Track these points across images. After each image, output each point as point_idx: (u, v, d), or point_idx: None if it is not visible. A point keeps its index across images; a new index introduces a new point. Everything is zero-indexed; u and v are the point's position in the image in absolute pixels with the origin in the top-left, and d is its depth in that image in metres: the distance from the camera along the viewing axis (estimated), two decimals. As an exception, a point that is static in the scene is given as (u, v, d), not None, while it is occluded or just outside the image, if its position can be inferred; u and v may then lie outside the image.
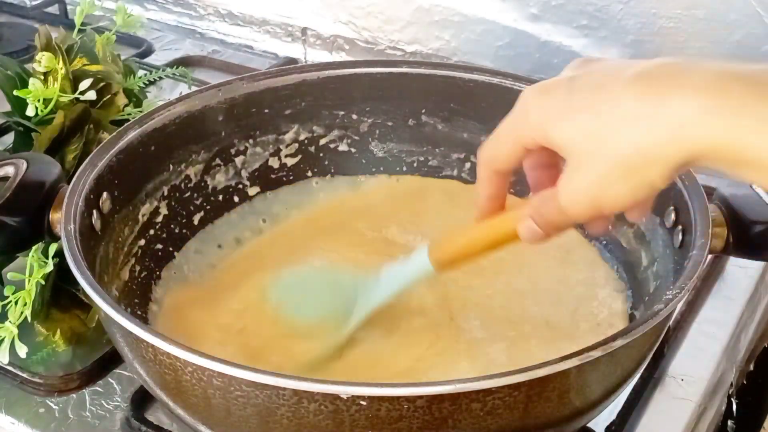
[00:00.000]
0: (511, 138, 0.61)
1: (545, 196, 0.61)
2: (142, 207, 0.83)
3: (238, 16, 1.35)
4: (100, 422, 0.75)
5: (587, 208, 0.58)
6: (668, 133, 0.53)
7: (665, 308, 0.63)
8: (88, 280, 0.64)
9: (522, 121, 0.60)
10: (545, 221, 0.62)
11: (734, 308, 0.88)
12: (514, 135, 0.61)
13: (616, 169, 0.55)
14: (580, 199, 0.58)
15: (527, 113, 0.60)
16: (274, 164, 0.94)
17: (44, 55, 0.92)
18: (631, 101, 0.54)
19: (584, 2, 1.09)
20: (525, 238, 0.64)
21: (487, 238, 0.67)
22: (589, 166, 0.56)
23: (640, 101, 0.54)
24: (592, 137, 0.56)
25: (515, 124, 0.61)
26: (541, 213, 0.62)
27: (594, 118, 0.55)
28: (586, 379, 0.62)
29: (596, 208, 0.57)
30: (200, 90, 0.88)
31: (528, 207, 0.63)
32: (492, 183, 0.65)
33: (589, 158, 0.56)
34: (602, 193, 0.56)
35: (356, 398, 0.56)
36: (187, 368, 0.59)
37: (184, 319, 0.79)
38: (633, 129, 0.54)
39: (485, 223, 0.67)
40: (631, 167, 0.55)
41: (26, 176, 0.74)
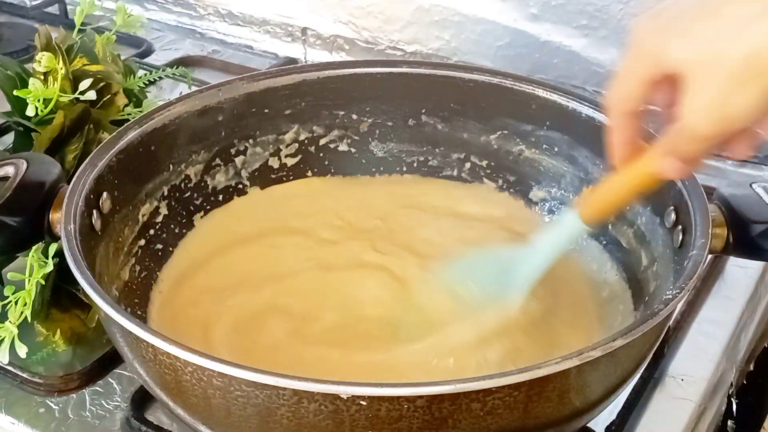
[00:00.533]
0: (633, 73, 0.61)
1: (674, 128, 0.60)
2: (142, 207, 0.83)
3: (238, 16, 1.35)
4: (100, 422, 0.75)
5: (716, 124, 0.56)
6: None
7: (665, 308, 0.63)
8: (88, 280, 0.64)
9: (639, 52, 0.60)
10: (681, 152, 0.61)
11: (734, 308, 0.88)
12: (636, 69, 0.60)
13: (738, 74, 0.54)
14: (707, 116, 0.56)
15: (642, 43, 0.59)
16: (274, 164, 0.94)
17: (44, 55, 0.92)
18: (741, 3, 0.53)
19: (584, 2, 1.09)
20: (669, 174, 0.63)
21: (630, 185, 0.68)
22: (709, 78, 0.55)
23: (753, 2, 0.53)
24: (709, 47, 0.55)
25: (633, 57, 0.60)
26: (674, 145, 0.61)
27: (708, 27, 0.54)
28: (586, 379, 0.62)
29: (725, 122, 0.56)
30: (200, 90, 0.88)
31: (661, 144, 0.62)
32: (625, 127, 0.64)
33: (708, 70, 0.55)
34: (728, 103, 0.55)
35: (356, 398, 0.56)
36: (187, 368, 0.59)
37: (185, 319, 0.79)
38: (750, 29, 0.53)
39: (626, 172, 0.67)
40: (754, 69, 0.53)
41: (26, 176, 0.74)
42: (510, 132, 0.92)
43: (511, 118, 0.91)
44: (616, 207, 0.71)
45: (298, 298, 0.81)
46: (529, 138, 0.91)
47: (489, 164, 0.94)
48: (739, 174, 1.05)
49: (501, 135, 0.93)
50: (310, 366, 0.73)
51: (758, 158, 1.07)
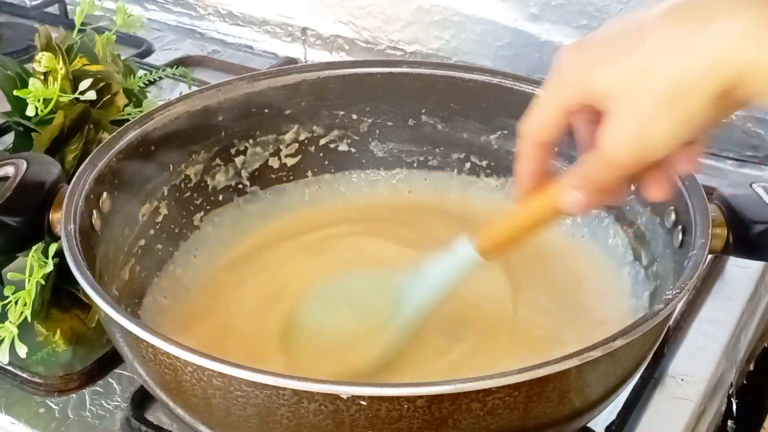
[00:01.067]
0: (551, 102, 0.59)
1: (586, 157, 0.59)
2: (142, 207, 0.83)
3: (238, 16, 1.35)
4: (100, 422, 0.75)
5: (632, 153, 0.55)
6: (709, 57, 0.51)
7: (665, 308, 0.63)
8: (88, 280, 0.64)
9: (559, 81, 0.58)
10: (591, 183, 0.59)
11: (734, 308, 0.88)
12: (555, 98, 0.59)
13: (658, 103, 0.53)
14: (624, 143, 0.55)
15: (563, 72, 0.58)
16: (274, 164, 0.94)
17: (44, 55, 0.92)
18: (668, 31, 0.52)
19: (584, 2, 1.09)
20: (570, 209, 0.62)
21: (530, 218, 0.65)
22: (629, 107, 0.54)
23: (677, 30, 0.52)
24: (630, 76, 0.54)
25: (554, 86, 0.59)
26: (585, 175, 0.59)
27: (631, 57, 0.54)
28: (586, 379, 0.62)
29: (642, 151, 0.55)
30: (200, 90, 0.88)
31: (569, 176, 0.61)
32: (535, 157, 0.62)
33: (628, 98, 0.54)
34: (645, 132, 0.54)
35: (356, 398, 0.56)
36: (187, 368, 0.59)
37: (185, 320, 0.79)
38: (672, 59, 0.52)
39: (527, 204, 0.65)
40: (673, 99, 0.52)
41: (26, 176, 0.74)
42: (510, 132, 0.92)
43: (511, 118, 0.91)
44: (514, 241, 0.68)
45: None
46: (529, 138, 0.91)
47: (489, 164, 0.94)
48: (739, 174, 1.05)
49: (501, 135, 0.93)
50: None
51: (758, 158, 1.07)
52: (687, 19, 0.52)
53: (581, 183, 0.60)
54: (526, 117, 0.62)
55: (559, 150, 0.64)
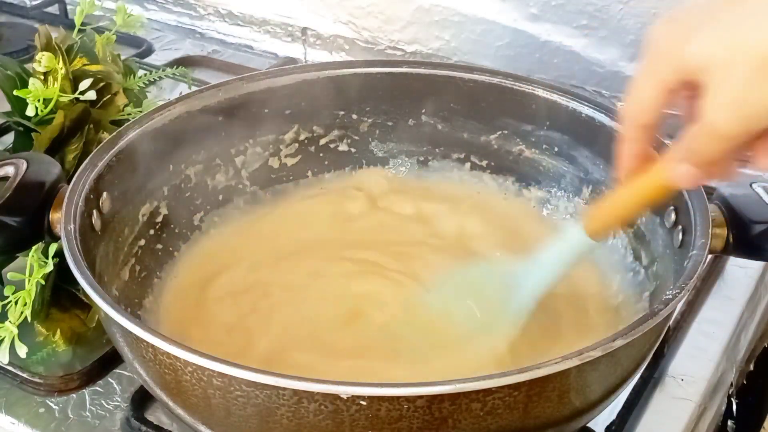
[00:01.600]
0: (649, 81, 0.58)
1: (691, 131, 0.57)
2: (142, 207, 0.83)
3: (238, 16, 1.35)
4: (100, 422, 0.75)
5: (739, 120, 0.54)
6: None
7: (665, 308, 0.63)
8: (88, 280, 0.64)
9: (655, 59, 0.58)
10: (699, 155, 0.58)
11: (734, 308, 0.88)
12: (652, 77, 0.58)
13: (758, 68, 0.52)
14: (729, 111, 0.54)
15: (658, 49, 0.57)
16: (274, 164, 0.94)
17: (44, 55, 0.92)
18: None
19: (584, 2, 1.09)
20: (681, 183, 0.61)
21: (639, 197, 0.65)
22: (731, 74, 0.53)
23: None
24: (729, 43, 0.53)
25: (649, 64, 0.58)
26: (692, 148, 0.58)
27: (726, 24, 0.53)
28: (586, 379, 0.62)
29: (749, 118, 0.53)
30: (200, 90, 0.88)
31: (675, 150, 0.60)
32: (638, 140, 0.62)
33: (729, 66, 0.53)
34: (752, 98, 0.53)
35: (356, 398, 0.56)
36: (187, 368, 0.59)
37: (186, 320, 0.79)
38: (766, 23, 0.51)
39: (635, 184, 0.64)
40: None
41: (26, 176, 0.74)
42: (510, 132, 0.92)
43: (511, 118, 0.91)
44: (623, 221, 0.69)
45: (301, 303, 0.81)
46: (529, 138, 0.91)
47: (489, 164, 0.94)
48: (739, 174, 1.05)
49: (501, 135, 0.93)
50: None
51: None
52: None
53: (689, 157, 0.59)
54: (626, 99, 0.61)
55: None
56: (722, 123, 0.54)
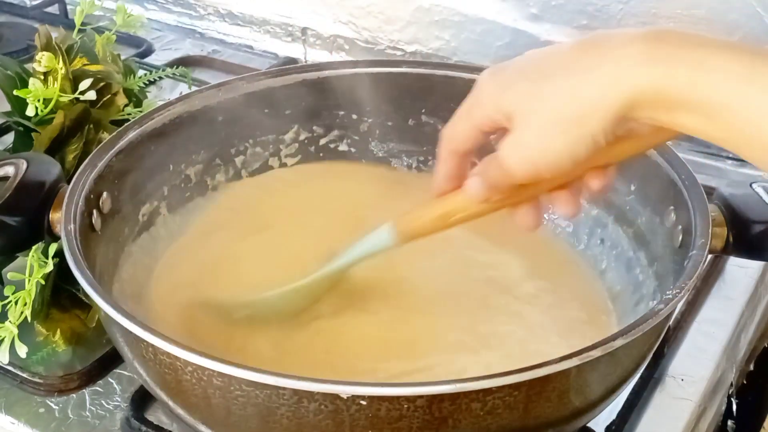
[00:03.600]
0: (467, 119, 0.64)
1: (491, 156, 0.63)
2: (142, 207, 0.83)
3: (238, 16, 1.35)
4: (100, 422, 0.75)
5: (526, 165, 0.59)
6: (607, 81, 0.55)
7: (665, 308, 0.63)
8: (88, 279, 0.64)
9: (476, 101, 0.63)
10: (489, 179, 0.63)
11: (734, 308, 0.88)
12: (470, 115, 0.63)
13: (556, 122, 0.57)
14: (520, 155, 0.59)
15: (480, 93, 0.62)
16: (274, 164, 0.94)
17: (44, 55, 0.92)
18: (572, 59, 0.57)
19: (584, 2, 1.09)
20: (469, 193, 0.65)
21: (444, 208, 0.69)
22: (529, 123, 0.58)
23: (579, 58, 0.56)
24: (534, 97, 0.58)
25: (470, 105, 0.63)
26: (486, 171, 0.63)
27: (536, 81, 0.58)
28: (586, 379, 0.62)
29: (533, 165, 0.59)
30: (200, 90, 0.88)
31: (476, 167, 0.65)
32: (451, 162, 0.67)
33: (530, 116, 0.58)
34: (541, 147, 0.58)
35: (356, 398, 0.56)
36: (187, 368, 0.59)
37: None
38: (572, 82, 0.56)
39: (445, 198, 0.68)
40: (571, 119, 0.56)
41: (26, 176, 0.74)
42: (510, 132, 0.92)
43: (510, 118, 0.91)
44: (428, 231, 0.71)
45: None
46: (529, 138, 0.91)
47: (489, 164, 0.94)
48: (739, 174, 1.05)
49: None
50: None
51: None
52: (589, 51, 0.56)
53: (483, 174, 0.64)
54: (446, 125, 0.66)
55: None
56: (510, 161, 0.60)
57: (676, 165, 0.75)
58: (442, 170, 0.67)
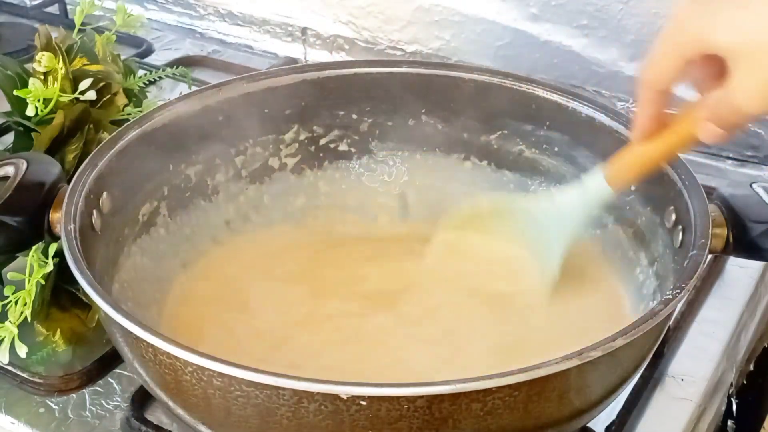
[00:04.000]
0: (670, 53, 0.63)
1: (718, 97, 0.62)
2: (142, 207, 0.83)
3: (238, 16, 1.35)
4: (100, 422, 0.75)
5: (763, 105, 0.59)
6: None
7: (665, 308, 0.63)
8: (88, 280, 0.64)
9: (679, 32, 0.62)
10: (724, 122, 0.63)
11: (734, 308, 0.88)
12: (674, 49, 0.62)
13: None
14: (756, 97, 0.59)
15: (682, 23, 0.61)
16: (274, 164, 0.94)
17: (44, 55, 0.92)
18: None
19: (584, 2, 1.09)
20: (707, 138, 0.65)
21: (663, 148, 0.69)
22: (759, 63, 0.57)
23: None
24: (757, 31, 0.57)
25: (673, 37, 0.62)
26: (719, 115, 0.63)
27: (755, 12, 0.57)
28: (586, 379, 0.62)
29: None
30: (200, 90, 0.88)
31: (703, 110, 0.64)
32: (655, 103, 0.66)
33: (757, 54, 0.57)
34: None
35: (356, 398, 0.56)
36: (187, 368, 0.59)
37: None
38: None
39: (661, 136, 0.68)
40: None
41: (26, 176, 0.74)
42: (510, 132, 0.92)
43: (510, 118, 0.91)
44: (644, 172, 0.72)
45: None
46: (529, 138, 0.91)
47: (489, 164, 0.94)
48: (739, 174, 1.05)
49: (501, 135, 0.93)
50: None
51: (758, 158, 1.07)
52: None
53: (714, 120, 0.63)
54: (645, 64, 0.65)
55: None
56: (749, 105, 0.60)
57: (676, 165, 0.75)
58: (647, 112, 0.67)
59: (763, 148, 1.06)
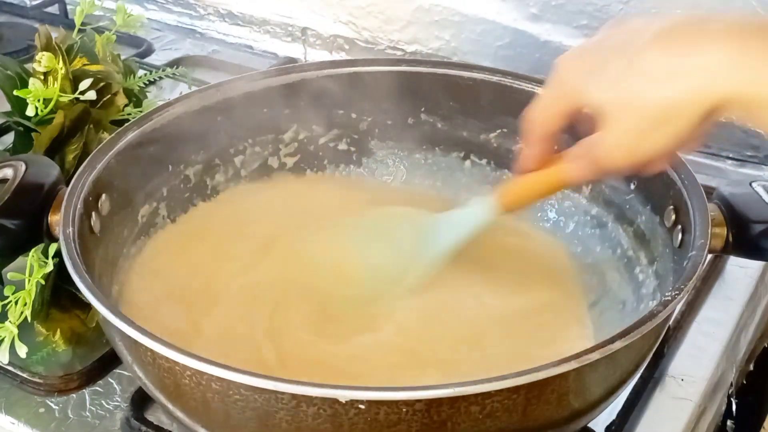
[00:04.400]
0: (550, 106, 0.67)
1: (589, 143, 0.65)
2: (141, 208, 0.83)
3: (238, 16, 1.35)
4: (100, 422, 0.75)
5: (627, 157, 0.62)
6: (696, 85, 0.57)
7: (664, 309, 0.63)
8: (87, 283, 0.64)
9: (558, 88, 0.65)
10: (588, 168, 0.67)
11: (734, 308, 0.88)
12: (553, 102, 0.66)
13: (648, 122, 0.59)
14: (620, 150, 0.62)
15: (562, 80, 0.65)
16: (273, 164, 0.94)
17: (44, 55, 0.92)
18: (657, 57, 0.58)
19: (584, 2, 1.09)
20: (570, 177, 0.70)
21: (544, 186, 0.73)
22: (622, 122, 0.61)
23: (666, 56, 0.58)
24: (624, 94, 0.60)
25: (552, 91, 0.66)
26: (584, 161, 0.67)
27: (624, 77, 0.60)
28: (585, 382, 0.62)
29: (636, 157, 0.62)
30: (200, 90, 0.88)
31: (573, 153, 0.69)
32: (537, 146, 0.70)
33: (621, 114, 0.60)
34: (636, 144, 0.61)
35: (355, 402, 0.56)
36: (185, 372, 0.59)
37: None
38: (662, 83, 0.58)
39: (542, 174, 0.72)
40: (663, 119, 0.59)
41: (25, 178, 0.73)
42: (510, 130, 0.92)
43: (510, 117, 0.91)
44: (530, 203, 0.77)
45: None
46: (528, 137, 0.91)
47: (488, 162, 0.94)
48: (739, 173, 1.05)
49: (501, 133, 0.93)
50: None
51: (758, 158, 1.07)
52: (675, 46, 0.58)
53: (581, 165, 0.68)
54: (529, 111, 0.69)
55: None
56: (612, 158, 0.63)
57: (675, 164, 0.75)
58: (531, 154, 0.70)
59: (763, 148, 1.06)
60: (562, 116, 0.66)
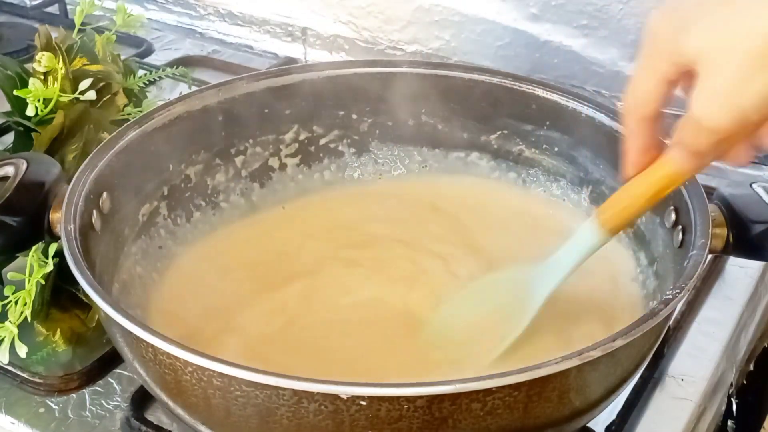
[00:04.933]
0: (648, 73, 0.58)
1: (684, 119, 0.57)
2: (142, 207, 0.83)
3: (238, 16, 1.35)
4: (100, 422, 0.75)
5: (728, 114, 0.54)
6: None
7: (665, 308, 0.63)
8: (88, 280, 0.64)
9: (652, 50, 0.58)
10: (692, 146, 0.58)
11: (734, 308, 0.88)
12: (651, 68, 0.58)
13: (754, 60, 0.51)
14: (719, 104, 0.54)
15: (655, 39, 0.57)
16: (274, 164, 0.94)
17: (44, 55, 0.92)
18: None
19: (584, 2, 1.09)
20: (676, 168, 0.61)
21: (650, 188, 0.64)
22: (724, 62, 0.52)
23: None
24: (723, 34, 0.52)
25: (647, 56, 0.58)
26: (686, 137, 0.58)
27: (722, 15, 0.53)
28: (586, 379, 0.62)
29: (738, 112, 0.53)
30: (200, 90, 0.88)
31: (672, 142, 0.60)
32: (642, 132, 0.61)
33: (721, 57, 0.52)
34: (742, 90, 0.52)
35: (356, 398, 0.56)
36: (187, 368, 0.59)
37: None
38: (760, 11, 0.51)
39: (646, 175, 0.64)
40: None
41: (26, 176, 0.74)
42: (510, 132, 0.92)
43: (511, 118, 0.91)
44: (638, 214, 0.68)
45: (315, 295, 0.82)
46: (529, 138, 0.91)
47: (489, 163, 0.94)
48: (739, 174, 1.05)
49: (501, 135, 0.93)
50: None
51: (758, 158, 1.07)
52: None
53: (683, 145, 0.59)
54: (626, 92, 0.61)
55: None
56: (711, 116, 0.54)
57: (676, 165, 0.75)
58: (636, 143, 0.62)
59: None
60: (663, 83, 0.57)
